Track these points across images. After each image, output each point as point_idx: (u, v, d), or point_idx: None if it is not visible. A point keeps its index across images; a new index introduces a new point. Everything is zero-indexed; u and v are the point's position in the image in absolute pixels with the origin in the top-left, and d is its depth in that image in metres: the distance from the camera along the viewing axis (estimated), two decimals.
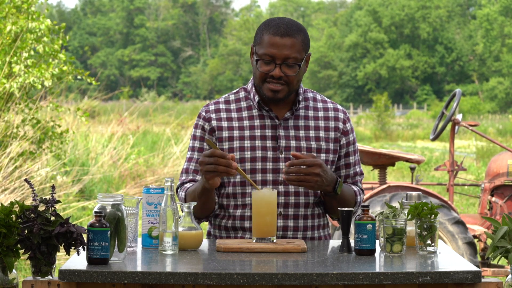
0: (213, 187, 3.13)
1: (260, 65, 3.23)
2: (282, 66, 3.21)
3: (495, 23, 55.64)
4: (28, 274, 6.52)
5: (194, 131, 3.38)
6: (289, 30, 3.21)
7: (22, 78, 8.08)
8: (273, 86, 3.23)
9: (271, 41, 3.20)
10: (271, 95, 3.25)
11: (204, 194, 3.19)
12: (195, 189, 3.23)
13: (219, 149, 3.10)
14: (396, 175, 16.79)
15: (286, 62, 3.21)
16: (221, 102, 3.38)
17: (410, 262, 2.83)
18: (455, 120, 6.96)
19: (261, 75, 3.24)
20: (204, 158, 3.05)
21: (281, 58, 3.20)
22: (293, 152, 3.12)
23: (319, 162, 3.10)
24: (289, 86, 3.25)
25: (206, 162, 3.04)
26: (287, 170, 3.09)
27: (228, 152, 3.26)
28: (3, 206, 2.69)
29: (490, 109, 50.49)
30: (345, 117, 3.39)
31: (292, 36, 3.20)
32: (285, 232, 3.28)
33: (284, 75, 3.22)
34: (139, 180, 11.82)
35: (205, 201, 3.22)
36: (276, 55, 3.20)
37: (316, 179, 3.10)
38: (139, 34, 72.91)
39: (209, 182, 3.08)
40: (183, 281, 2.61)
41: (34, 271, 2.74)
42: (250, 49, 3.32)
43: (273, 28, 3.22)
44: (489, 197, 6.90)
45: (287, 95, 3.27)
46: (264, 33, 3.23)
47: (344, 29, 65.44)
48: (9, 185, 7.57)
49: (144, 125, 17.16)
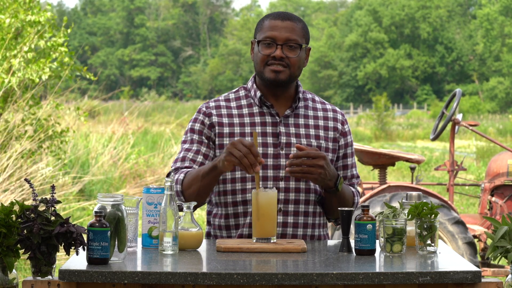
0: (223, 170, 3.09)
1: (262, 48, 3.27)
2: (283, 47, 3.25)
3: (495, 23, 55.64)
4: (28, 274, 6.52)
5: (192, 125, 3.36)
6: (289, 15, 3.30)
7: (21, 73, 8.08)
8: (275, 67, 3.26)
9: (272, 25, 3.27)
10: (273, 76, 3.26)
11: (210, 174, 3.15)
12: (199, 170, 3.19)
13: (257, 148, 3.08)
14: (396, 175, 16.79)
15: (287, 43, 3.25)
16: (221, 100, 3.39)
17: (410, 262, 2.83)
18: (455, 120, 6.96)
19: (263, 58, 3.27)
20: (239, 143, 3.02)
21: (282, 39, 3.25)
22: (297, 144, 3.13)
23: (323, 155, 3.11)
24: (291, 69, 3.27)
25: (239, 147, 3.02)
26: (291, 162, 3.10)
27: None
28: (3, 206, 2.69)
29: (490, 109, 50.49)
30: (343, 119, 3.42)
31: (292, 20, 3.28)
32: (284, 228, 3.28)
33: (285, 57, 3.25)
34: (139, 180, 11.82)
35: (206, 184, 3.18)
36: (277, 36, 3.25)
37: (320, 171, 3.10)
38: (139, 33, 72.91)
39: (225, 163, 3.05)
40: (183, 281, 2.61)
41: (34, 271, 2.74)
42: (251, 44, 3.35)
43: (273, 15, 3.31)
44: (489, 197, 6.90)
45: (288, 79, 3.28)
46: (264, 20, 3.31)
47: (344, 29, 65.44)
48: (10, 185, 7.57)
49: (144, 125, 17.17)
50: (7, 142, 8.12)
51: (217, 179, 3.19)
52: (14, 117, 8.41)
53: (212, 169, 3.14)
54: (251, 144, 3.02)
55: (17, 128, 8.40)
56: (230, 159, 3.03)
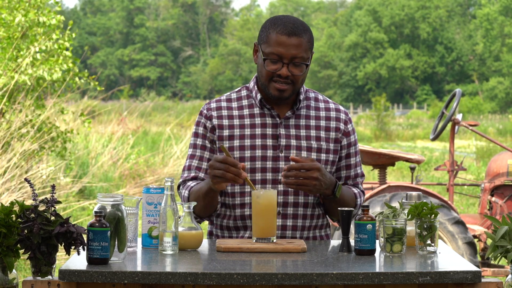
0: (219, 190, 3.14)
1: (267, 63, 3.23)
2: (289, 65, 3.21)
3: (495, 23, 55.64)
4: (28, 274, 6.52)
5: (195, 129, 3.38)
6: (296, 29, 3.21)
7: (32, 71, 8.08)
8: (280, 86, 3.23)
9: (278, 40, 3.20)
10: (278, 94, 3.25)
11: (209, 195, 3.20)
12: (200, 189, 3.23)
13: (232, 157, 3.10)
14: (396, 175, 16.78)
15: (293, 61, 3.21)
16: (223, 100, 3.38)
17: (410, 262, 2.83)
18: (455, 120, 6.96)
19: (268, 74, 3.24)
20: (214, 162, 3.06)
21: (288, 58, 3.20)
22: (292, 156, 3.13)
23: (318, 166, 3.10)
24: (295, 85, 3.25)
25: (216, 167, 3.05)
26: (286, 173, 3.10)
27: (228, 150, 3.25)
28: (3, 206, 2.69)
29: (490, 109, 50.49)
30: (346, 118, 3.39)
31: (299, 36, 3.20)
32: (283, 231, 3.28)
33: (291, 75, 3.22)
34: (139, 180, 11.82)
35: (209, 202, 3.23)
36: (284, 54, 3.20)
37: (314, 183, 3.10)
38: (139, 33, 72.91)
39: (216, 186, 3.10)
40: (183, 281, 2.60)
41: (34, 271, 2.73)
42: (254, 46, 3.31)
43: (280, 27, 3.21)
44: (489, 197, 6.90)
45: (291, 94, 3.27)
46: (271, 31, 3.22)
47: (344, 29, 65.44)
48: (11, 185, 7.57)
49: (144, 125, 17.17)
50: (7, 143, 8.12)
51: (217, 196, 3.23)
52: (17, 117, 8.40)
53: (208, 191, 3.19)
54: (224, 158, 3.05)
55: (19, 130, 8.39)
56: (216, 180, 3.07)
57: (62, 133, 8.79)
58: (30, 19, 8.27)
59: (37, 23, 8.34)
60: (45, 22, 8.30)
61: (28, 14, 8.24)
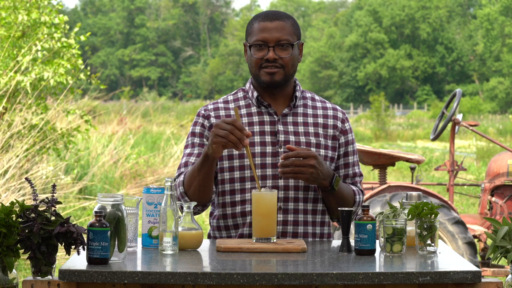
0: (214, 156, 3.09)
1: (254, 52, 3.27)
2: (275, 48, 3.25)
3: (496, 23, 55.63)
4: (28, 274, 6.52)
5: (192, 128, 3.38)
6: (277, 14, 3.29)
7: (34, 72, 8.07)
8: (269, 70, 3.27)
9: (261, 27, 3.26)
10: (268, 79, 3.27)
11: (205, 166, 3.14)
12: (194, 165, 3.20)
13: (241, 122, 3.09)
14: (396, 175, 16.78)
15: (279, 43, 3.25)
16: (220, 103, 3.41)
17: (410, 262, 2.83)
18: (455, 120, 6.96)
19: (256, 61, 3.27)
20: (221, 122, 3.03)
21: (273, 41, 3.25)
22: (288, 145, 3.14)
23: (314, 154, 3.11)
24: (285, 69, 3.28)
25: (222, 127, 3.02)
26: (282, 162, 3.11)
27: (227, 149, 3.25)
28: (3, 206, 2.69)
29: (491, 109, 50.48)
30: (343, 117, 3.42)
31: (281, 20, 3.27)
32: (285, 226, 3.28)
33: (279, 58, 3.25)
34: (139, 180, 11.82)
35: (204, 176, 3.17)
36: (268, 38, 3.25)
37: (311, 171, 3.10)
38: (140, 34, 72.92)
39: (214, 147, 3.04)
40: (183, 281, 2.61)
41: (34, 271, 2.74)
42: (244, 46, 3.35)
43: (261, 16, 3.29)
44: (489, 197, 6.90)
45: (283, 79, 3.29)
46: (254, 22, 3.30)
47: (345, 29, 65.43)
48: (12, 185, 7.56)
49: (144, 125, 17.17)
50: (7, 143, 8.11)
51: (213, 169, 3.18)
52: (19, 117, 8.40)
53: (204, 159, 3.14)
54: (233, 120, 3.03)
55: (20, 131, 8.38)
56: (217, 140, 3.03)
57: (65, 133, 8.77)
58: (32, 18, 8.27)
59: (39, 22, 8.34)
60: (48, 22, 8.30)
61: (31, 14, 8.24)
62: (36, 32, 8.34)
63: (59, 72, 8.13)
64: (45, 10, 8.47)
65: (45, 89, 8.58)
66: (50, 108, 8.70)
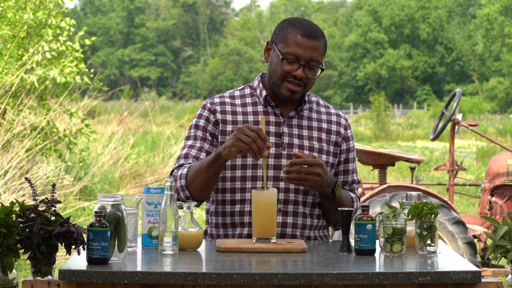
0: (228, 158, 3.08)
1: (284, 64, 3.24)
2: (305, 67, 3.23)
3: (495, 23, 55.64)
4: (28, 274, 6.52)
5: (196, 121, 3.35)
6: (315, 32, 3.24)
7: (41, 71, 8.06)
8: (292, 87, 3.25)
9: (298, 41, 3.22)
10: (289, 95, 3.26)
11: (215, 164, 3.13)
12: (202, 162, 3.17)
13: (265, 132, 3.07)
14: (396, 175, 16.79)
15: (309, 64, 3.23)
16: (226, 97, 3.39)
17: (410, 262, 2.83)
18: (455, 120, 6.96)
19: (283, 73, 3.25)
20: (246, 128, 3.01)
21: (305, 60, 3.23)
22: (295, 152, 3.13)
23: (320, 162, 3.11)
24: (305, 87, 3.29)
25: (246, 133, 3.01)
26: (288, 169, 3.10)
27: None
28: (3, 206, 2.69)
29: (490, 109, 50.48)
30: (346, 124, 3.43)
31: (317, 39, 3.24)
32: (284, 228, 3.28)
33: (305, 77, 3.24)
34: (139, 180, 11.82)
35: (211, 175, 3.16)
36: (301, 55, 3.22)
37: (316, 179, 3.11)
38: (139, 33, 72.89)
39: (232, 149, 3.03)
40: (183, 281, 2.61)
41: (34, 271, 2.74)
42: (267, 44, 3.32)
43: (300, 29, 3.24)
44: (489, 197, 6.90)
45: (301, 96, 3.30)
46: (290, 31, 3.24)
47: (344, 29, 65.44)
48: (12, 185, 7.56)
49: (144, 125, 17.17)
50: (8, 143, 8.11)
51: (221, 170, 3.17)
52: (21, 117, 8.39)
53: (216, 158, 3.11)
54: (258, 128, 3.01)
55: (22, 131, 8.37)
56: (238, 144, 3.01)
57: (67, 135, 8.75)
58: (38, 18, 8.26)
59: (44, 24, 8.34)
60: (53, 24, 8.30)
61: (36, 13, 8.24)
62: (41, 33, 8.33)
63: (65, 72, 8.13)
64: (52, 12, 8.47)
65: (47, 90, 8.58)
66: (52, 108, 8.70)
